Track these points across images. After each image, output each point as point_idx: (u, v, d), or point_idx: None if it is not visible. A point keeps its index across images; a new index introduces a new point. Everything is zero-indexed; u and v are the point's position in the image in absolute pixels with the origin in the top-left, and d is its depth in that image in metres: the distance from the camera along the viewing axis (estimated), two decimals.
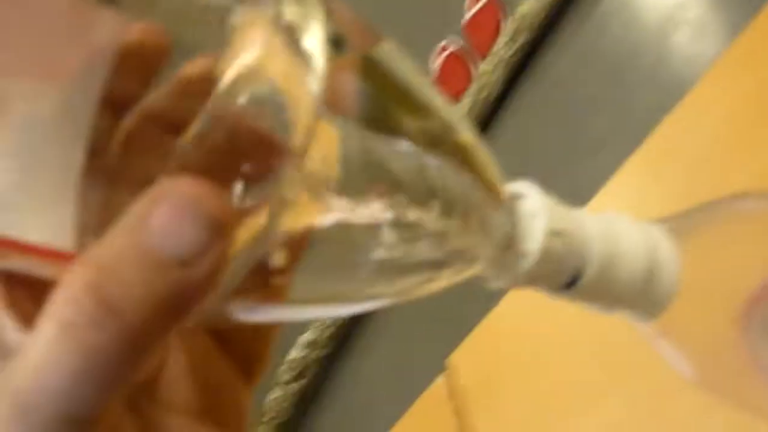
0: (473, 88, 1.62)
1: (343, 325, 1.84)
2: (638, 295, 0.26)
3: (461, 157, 0.25)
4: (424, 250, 0.24)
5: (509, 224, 0.25)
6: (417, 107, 0.24)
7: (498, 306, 0.66)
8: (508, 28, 1.57)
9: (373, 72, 0.23)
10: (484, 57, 1.64)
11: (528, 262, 0.25)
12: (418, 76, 0.24)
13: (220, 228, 0.17)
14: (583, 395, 0.56)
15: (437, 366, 0.71)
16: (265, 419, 1.92)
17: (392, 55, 0.24)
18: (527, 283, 0.26)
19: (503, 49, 1.57)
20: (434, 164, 0.24)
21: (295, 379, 1.88)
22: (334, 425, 1.93)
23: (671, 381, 0.31)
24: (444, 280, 0.25)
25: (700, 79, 0.55)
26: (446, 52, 1.73)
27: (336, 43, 0.20)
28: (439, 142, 0.24)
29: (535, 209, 0.26)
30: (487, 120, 1.65)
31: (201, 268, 0.17)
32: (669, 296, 0.27)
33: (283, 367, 1.89)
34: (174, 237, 0.17)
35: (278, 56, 0.19)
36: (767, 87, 0.51)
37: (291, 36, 0.19)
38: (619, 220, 0.27)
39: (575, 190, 0.60)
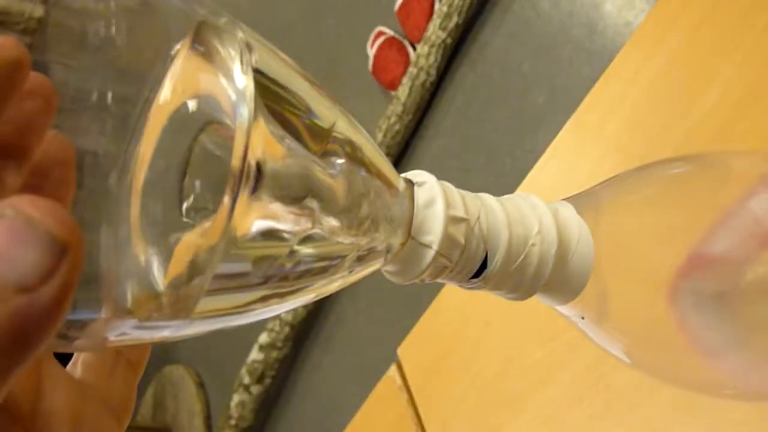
0: (410, 72, 1.61)
1: (299, 325, 1.84)
2: (552, 278, 0.25)
3: (351, 153, 0.23)
4: (329, 251, 0.23)
5: (407, 215, 0.24)
6: (301, 109, 0.22)
7: (441, 294, 0.66)
8: (439, 10, 1.56)
9: (262, 82, 0.21)
10: (418, 41, 1.63)
11: (430, 253, 0.24)
12: (298, 76, 0.23)
13: (65, 248, 0.15)
14: (528, 376, 0.56)
15: (392, 357, 0.71)
16: (231, 423, 1.92)
17: (271, 62, 0.22)
18: (435, 275, 0.25)
19: (437, 32, 1.56)
20: (330, 164, 0.22)
21: (256, 382, 1.87)
22: (298, 425, 1.93)
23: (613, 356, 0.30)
24: (349, 278, 0.24)
25: (622, 49, 0.54)
26: (381, 38, 1.72)
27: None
28: (329, 140, 0.22)
29: (432, 197, 0.24)
30: (426, 103, 1.64)
31: (46, 293, 0.15)
32: (584, 276, 0.25)
33: (243, 371, 1.88)
34: (10, 262, 0.15)
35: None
36: (689, 50, 0.50)
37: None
38: (527, 203, 0.26)
39: (518, 168, 0.60)
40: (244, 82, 0.20)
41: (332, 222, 0.22)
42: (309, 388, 1.91)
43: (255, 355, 1.87)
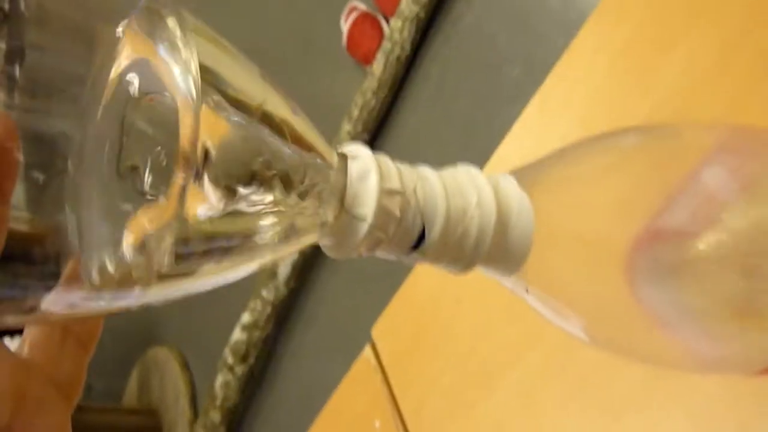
0: (385, 46, 1.60)
1: (281, 304, 1.84)
2: (492, 249, 0.25)
3: (279, 128, 0.23)
4: (268, 225, 0.23)
5: (341, 187, 0.23)
6: (230, 85, 0.22)
7: (413, 274, 0.66)
8: None
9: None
10: (392, 15, 1.62)
11: (365, 226, 0.23)
12: (227, 54, 0.23)
13: None
14: (501, 354, 0.56)
15: (368, 337, 0.71)
16: (216, 404, 1.92)
17: (203, 41, 0.22)
18: (372, 248, 0.24)
19: (410, 5, 1.55)
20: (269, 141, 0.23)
21: (240, 361, 1.88)
22: (283, 404, 1.93)
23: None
24: (285, 250, 0.24)
25: (584, 23, 0.54)
26: (355, 13, 1.70)
27: None
28: (257, 116, 0.22)
29: (366, 170, 0.24)
30: (401, 78, 1.64)
31: None
32: (525, 248, 0.25)
33: (227, 351, 1.88)
34: None
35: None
36: (651, 24, 0.50)
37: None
38: (467, 175, 0.25)
39: (495, 140, 0.59)
40: (189, 57, 0.20)
41: (270, 197, 0.22)
42: (293, 367, 1.92)
43: (238, 335, 1.87)
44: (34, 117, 0.19)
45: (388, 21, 1.65)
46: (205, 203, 0.20)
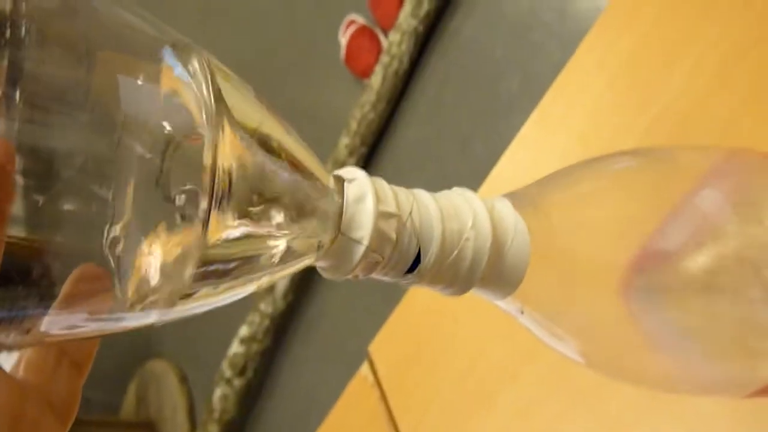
0: (383, 60, 1.60)
1: (280, 317, 1.84)
2: (487, 272, 0.25)
3: (278, 151, 0.23)
4: (270, 248, 0.23)
5: (337, 211, 0.24)
6: (235, 110, 0.22)
7: (410, 291, 0.65)
8: None
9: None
10: (390, 28, 1.62)
11: (361, 248, 0.23)
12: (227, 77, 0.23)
13: None
14: (497, 371, 0.56)
15: (366, 352, 0.71)
16: (214, 417, 1.92)
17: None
18: (368, 271, 0.25)
19: (408, 19, 1.56)
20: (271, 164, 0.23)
21: (238, 375, 1.87)
22: (281, 417, 1.93)
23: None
24: (279, 274, 0.24)
25: (583, 39, 0.54)
26: (353, 27, 1.71)
27: None
28: (255, 139, 0.22)
29: (362, 193, 0.24)
30: (399, 91, 1.64)
31: None
32: (521, 271, 0.25)
33: (225, 365, 1.88)
34: None
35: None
36: (650, 41, 0.50)
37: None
38: (462, 198, 0.25)
39: (493, 154, 0.59)
40: (211, 95, 0.21)
41: (276, 220, 0.23)
42: (291, 380, 1.91)
43: (236, 348, 1.86)
44: (32, 135, 0.19)
45: (386, 34, 1.66)
46: (225, 228, 0.21)
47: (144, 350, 2.43)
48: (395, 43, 1.59)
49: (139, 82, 0.21)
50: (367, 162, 1.71)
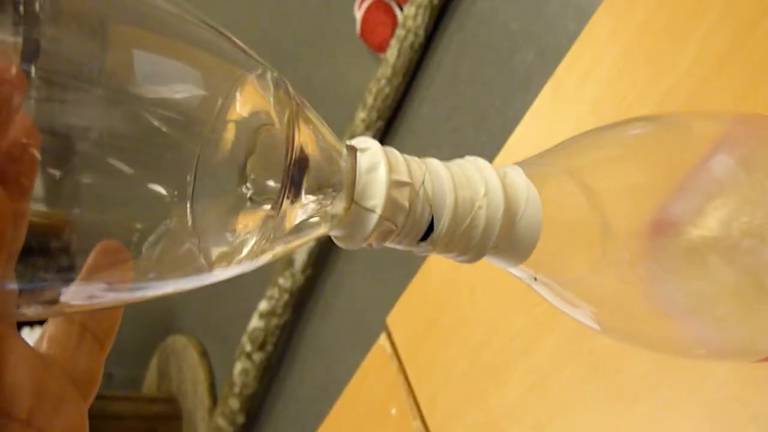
0: (398, 34, 1.60)
1: (298, 291, 1.85)
2: (500, 240, 0.25)
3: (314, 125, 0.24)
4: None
5: (351, 180, 0.24)
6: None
7: (427, 262, 0.66)
8: None
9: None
10: (405, 2, 1.62)
11: (374, 217, 0.24)
12: None
13: None
14: (514, 342, 0.56)
15: (384, 324, 0.71)
16: (235, 391, 1.93)
17: None
18: (382, 239, 0.25)
19: None
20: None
21: (258, 349, 1.89)
22: (301, 390, 1.94)
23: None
24: (294, 244, 0.25)
25: (596, 11, 0.54)
26: (368, 1, 1.70)
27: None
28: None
29: (375, 162, 0.24)
30: (415, 65, 1.64)
31: None
32: (533, 238, 0.25)
33: (245, 339, 1.89)
34: None
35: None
36: (662, 11, 0.50)
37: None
38: (474, 166, 0.26)
39: (509, 127, 0.59)
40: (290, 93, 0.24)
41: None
42: (310, 353, 1.93)
43: (255, 322, 1.88)
44: (51, 112, 0.20)
45: (401, 8, 1.65)
46: (296, 207, 0.23)
47: (165, 326, 2.45)
48: (410, 16, 1.58)
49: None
50: (384, 136, 1.71)
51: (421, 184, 0.24)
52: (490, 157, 0.59)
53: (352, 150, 0.25)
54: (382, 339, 0.70)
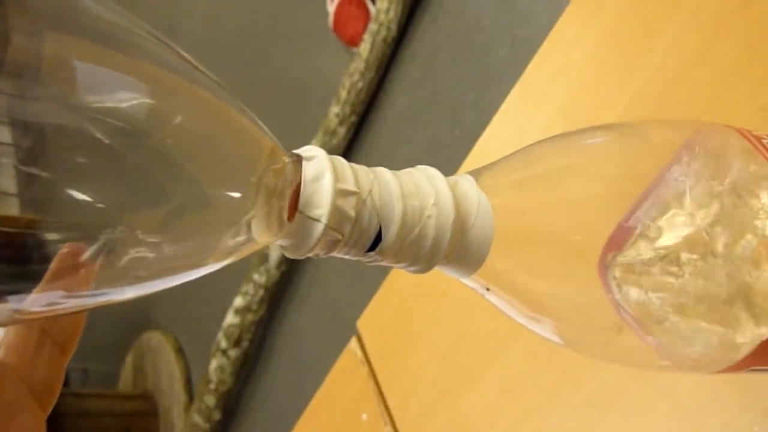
0: (371, 28, 1.59)
1: (273, 287, 1.84)
2: (451, 249, 0.25)
3: (232, 129, 0.23)
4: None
5: (294, 189, 0.23)
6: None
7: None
8: None
9: None
10: None
11: (320, 227, 0.23)
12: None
13: None
14: (484, 347, 0.56)
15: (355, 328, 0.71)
16: (211, 387, 1.93)
17: None
18: (329, 249, 0.24)
19: None
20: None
21: (234, 345, 1.88)
22: (277, 386, 1.94)
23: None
24: (240, 254, 0.24)
25: (564, 11, 0.53)
26: None
27: None
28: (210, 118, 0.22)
29: (321, 171, 0.23)
30: (388, 59, 1.63)
31: None
32: (485, 248, 0.25)
33: (220, 336, 1.89)
34: None
35: None
36: (630, 12, 0.49)
37: None
38: (424, 175, 0.25)
39: (482, 121, 0.59)
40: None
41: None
42: (286, 349, 1.92)
43: (231, 319, 1.87)
44: (19, 108, 0.19)
45: (374, 2, 1.64)
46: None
47: (140, 322, 2.44)
48: (383, 10, 1.57)
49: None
50: (358, 130, 1.71)
51: (369, 193, 0.24)
52: (465, 152, 0.58)
53: (298, 158, 0.24)
54: (353, 343, 0.70)
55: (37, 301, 0.21)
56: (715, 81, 0.43)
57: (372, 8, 1.64)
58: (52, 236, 0.20)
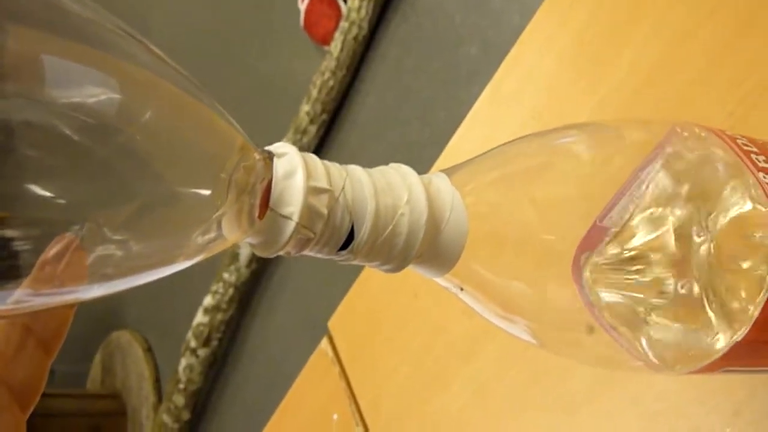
0: (342, 26, 1.59)
1: (243, 286, 1.83)
2: (424, 248, 0.24)
3: (202, 125, 0.22)
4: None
5: (265, 187, 0.23)
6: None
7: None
8: None
9: None
10: None
11: (291, 224, 0.23)
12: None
13: None
14: (456, 348, 0.55)
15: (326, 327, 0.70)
16: (180, 387, 1.91)
17: None
18: (300, 247, 0.24)
19: None
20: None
21: (203, 345, 1.87)
22: (246, 385, 1.93)
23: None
24: (206, 253, 0.23)
25: (535, 14, 0.54)
26: None
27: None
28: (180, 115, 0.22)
29: (292, 168, 0.23)
30: (360, 57, 1.63)
31: None
32: (458, 247, 0.25)
33: (190, 335, 1.87)
34: None
35: None
36: (600, 16, 0.49)
37: None
38: (398, 173, 0.25)
39: (454, 120, 0.59)
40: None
41: None
42: (256, 348, 1.91)
43: (200, 318, 1.86)
44: None
45: (345, 0, 1.64)
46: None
47: (109, 321, 2.42)
48: (354, 9, 1.57)
49: None
50: (329, 129, 1.70)
51: (341, 191, 0.24)
52: (436, 150, 0.58)
53: (269, 155, 0.24)
54: (324, 343, 0.69)
55: (3, 298, 0.20)
56: (683, 86, 0.43)
57: (343, 6, 1.64)
58: (17, 233, 0.20)
